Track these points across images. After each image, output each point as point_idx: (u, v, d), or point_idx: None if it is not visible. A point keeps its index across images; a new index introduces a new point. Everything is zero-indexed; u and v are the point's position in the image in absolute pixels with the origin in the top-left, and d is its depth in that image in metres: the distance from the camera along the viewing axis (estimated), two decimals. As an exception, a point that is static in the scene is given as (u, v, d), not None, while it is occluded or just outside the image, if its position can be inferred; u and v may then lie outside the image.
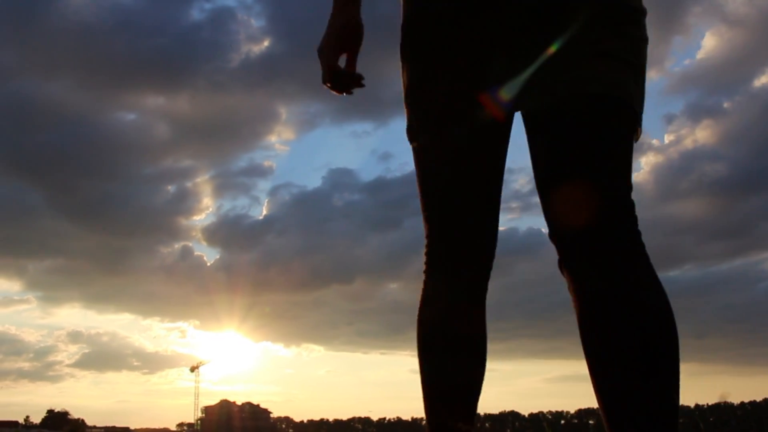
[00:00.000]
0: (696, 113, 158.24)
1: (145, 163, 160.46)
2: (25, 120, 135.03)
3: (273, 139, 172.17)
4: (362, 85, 1.54)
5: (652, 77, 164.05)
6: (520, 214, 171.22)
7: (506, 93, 1.32)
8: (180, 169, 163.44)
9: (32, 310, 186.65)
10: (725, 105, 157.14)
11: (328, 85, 1.51)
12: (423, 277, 1.49)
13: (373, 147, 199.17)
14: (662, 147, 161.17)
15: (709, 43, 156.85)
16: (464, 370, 1.54)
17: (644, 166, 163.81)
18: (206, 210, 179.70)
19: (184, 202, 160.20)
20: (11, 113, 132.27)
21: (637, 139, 1.29)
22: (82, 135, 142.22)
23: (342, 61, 1.52)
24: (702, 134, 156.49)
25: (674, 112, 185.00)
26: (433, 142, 1.44)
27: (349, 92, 1.54)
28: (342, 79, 1.50)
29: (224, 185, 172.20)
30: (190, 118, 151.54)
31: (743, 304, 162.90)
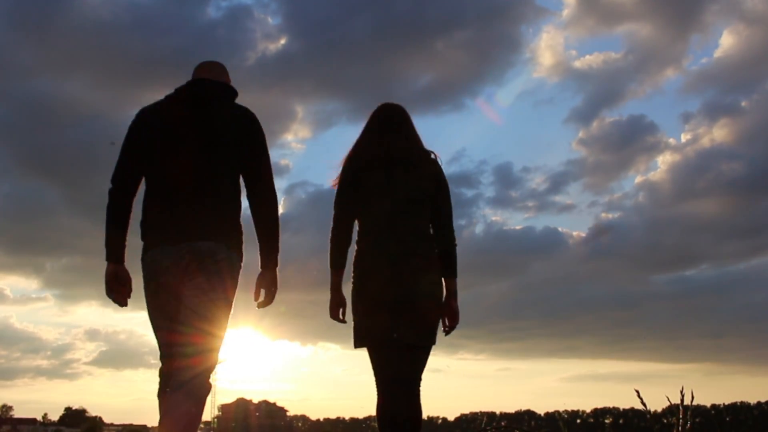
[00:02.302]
0: (713, 112, 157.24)
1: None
2: (43, 118, 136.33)
3: (289, 137, 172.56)
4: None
5: (670, 76, 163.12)
6: (536, 213, 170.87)
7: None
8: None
9: (50, 308, 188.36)
10: (743, 104, 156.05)
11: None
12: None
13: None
14: (679, 146, 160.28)
15: (727, 41, 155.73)
16: None
17: (661, 165, 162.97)
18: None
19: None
20: (29, 112, 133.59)
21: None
22: (100, 133, 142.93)
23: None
24: (719, 133, 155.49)
25: (691, 111, 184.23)
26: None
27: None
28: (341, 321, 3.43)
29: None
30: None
31: (761, 304, 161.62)
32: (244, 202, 3.15)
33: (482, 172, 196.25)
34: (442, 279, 3.43)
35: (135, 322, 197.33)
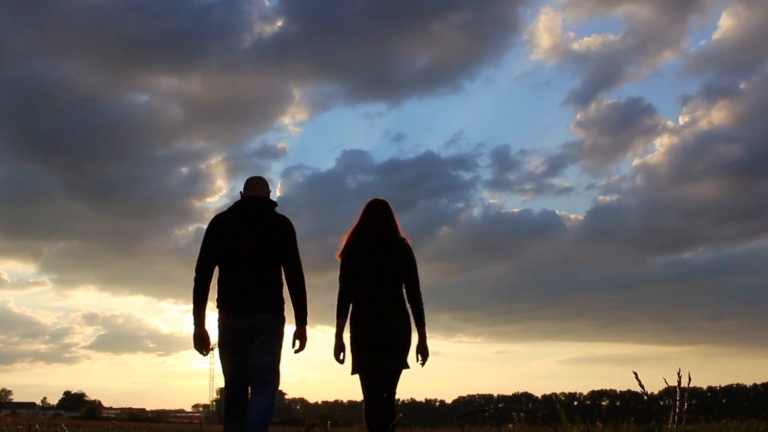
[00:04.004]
0: (711, 94, 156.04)
1: (158, 144, 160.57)
2: (38, 102, 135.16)
3: (286, 120, 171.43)
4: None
5: (668, 58, 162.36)
6: (534, 196, 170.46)
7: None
8: (193, 151, 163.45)
9: (47, 292, 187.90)
10: (741, 86, 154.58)
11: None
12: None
13: (386, 128, 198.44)
14: (677, 128, 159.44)
15: (726, 23, 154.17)
16: None
17: (659, 148, 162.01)
18: (220, 192, 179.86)
19: (198, 184, 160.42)
20: (24, 95, 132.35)
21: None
22: (95, 117, 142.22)
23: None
24: (717, 115, 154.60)
25: (689, 93, 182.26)
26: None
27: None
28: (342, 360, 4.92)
29: (237, 167, 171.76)
30: (203, 99, 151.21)
31: (759, 286, 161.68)
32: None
33: (480, 154, 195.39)
34: (410, 324, 4.94)
35: (133, 306, 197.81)
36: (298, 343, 4.65)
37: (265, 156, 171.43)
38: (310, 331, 4.79)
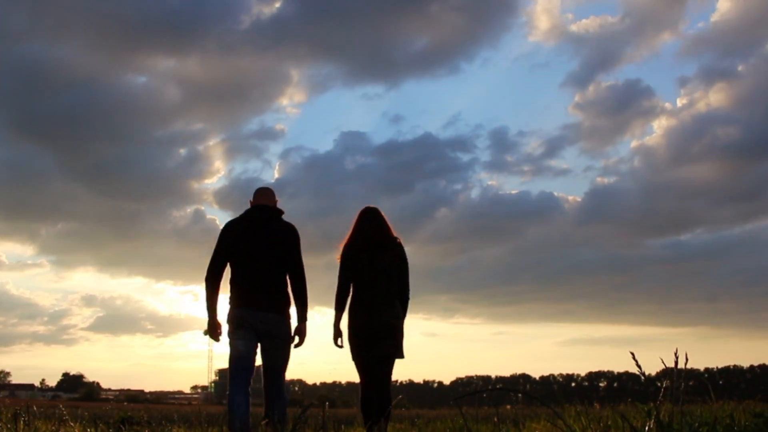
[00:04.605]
0: (709, 76, 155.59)
1: (156, 126, 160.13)
2: (35, 83, 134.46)
3: (284, 101, 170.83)
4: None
5: (666, 40, 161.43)
6: (532, 178, 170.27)
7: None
8: (191, 132, 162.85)
9: (46, 274, 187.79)
10: (739, 68, 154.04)
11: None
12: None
13: (385, 109, 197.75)
14: (675, 110, 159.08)
15: (724, 5, 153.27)
16: None
17: (657, 130, 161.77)
18: (218, 173, 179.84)
19: (196, 166, 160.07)
20: (21, 76, 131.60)
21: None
22: (93, 98, 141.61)
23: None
24: (715, 97, 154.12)
25: (687, 75, 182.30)
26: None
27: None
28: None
29: (235, 148, 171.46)
30: (201, 80, 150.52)
31: (756, 268, 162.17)
32: None
33: (478, 136, 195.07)
34: (402, 319, 5.54)
35: (131, 288, 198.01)
36: (297, 338, 5.19)
37: (263, 137, 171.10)
38: (308, 312, 5.25)
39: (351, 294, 5.54)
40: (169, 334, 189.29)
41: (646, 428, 2.38)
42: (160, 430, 7.01)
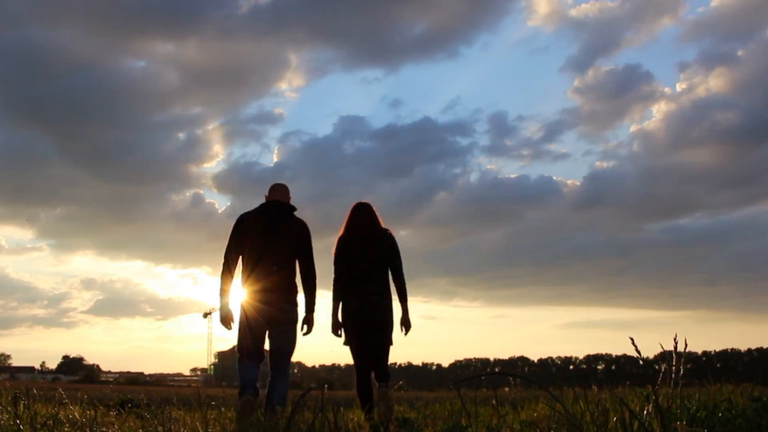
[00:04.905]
0: (709, 61, 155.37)
1: (155, 110, 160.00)
2: (34, 68, 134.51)
3: (283, 86, 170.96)
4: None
5: (666, 24, 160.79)
6: (531, 162, 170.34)
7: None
8: (190, 117, 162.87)
9: (45, 257, 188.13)
10: (739, 53, 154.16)
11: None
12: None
13: (384, 94, 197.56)
14: (674, 95, 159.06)
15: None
16: None
17: (656, 114, 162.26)
18: (217, 157, 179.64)
19: (195, 150, 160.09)
20: (19, 61, 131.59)
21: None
22: (92, 82, 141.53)
23: None
24: (715, 82, 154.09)
25: (687, 60, 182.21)
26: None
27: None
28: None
29: (234, 132, 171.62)
30: (200, 65, 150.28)
31: (754, 252, 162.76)
32: None
33: (477, 120, 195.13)
34: (393, 305, 5.76)
35: (130, 271, 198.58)
36: (305, 327, 5.45)
37: (262, 122, 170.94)
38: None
39: (346, 283, 5.73)
40: (169, 317, 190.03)
41: (645, 412, 2.39)
42: (159, 413, 7.03)
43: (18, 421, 2.54)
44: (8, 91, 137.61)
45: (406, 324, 5.76)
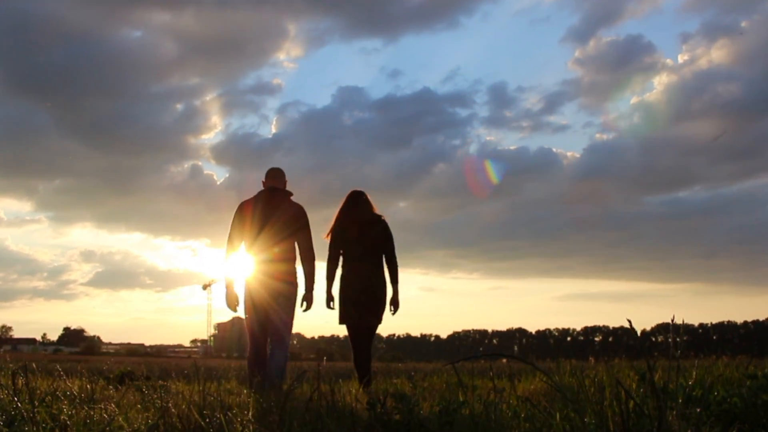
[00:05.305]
0: (712, 32, 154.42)
1: (152, 81, 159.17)
2: (29, 38, 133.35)
3: (281, 56, 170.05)
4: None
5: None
6: (531, 133, 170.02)
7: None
8: (187, 87, 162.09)
9: (44, 230, 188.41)
10: (742, 24, 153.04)
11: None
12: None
13: (383, 64, 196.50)
14: (676, 66, 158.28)
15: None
16: None
17: (657, 86, 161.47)
18: (215, 128, 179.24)
19: (193, 121, 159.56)
20: (14, 31, 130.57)
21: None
22: (88, 53, 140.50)
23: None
24: (717, 54, 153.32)
25: (689, 31, 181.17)
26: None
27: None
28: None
29: (232, 103, 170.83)
30: (197, 35, 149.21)
31: (752, 226, 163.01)
32: None
33: (476, 91, 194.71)
34: (387, 286, 6.19)
35: (130, 243, 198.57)
36: (305, 304, 5.76)
37: (260, 92, 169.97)
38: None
39: (342, 265, 6.22)
40: (168, 289, 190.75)
41: (641, 390, 2.40)
42: (159, 386, 7.07)
43: (16, 399, 2.55)
44: (3, 62, 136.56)
45: (395, 304, 6.19)
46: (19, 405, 2.40)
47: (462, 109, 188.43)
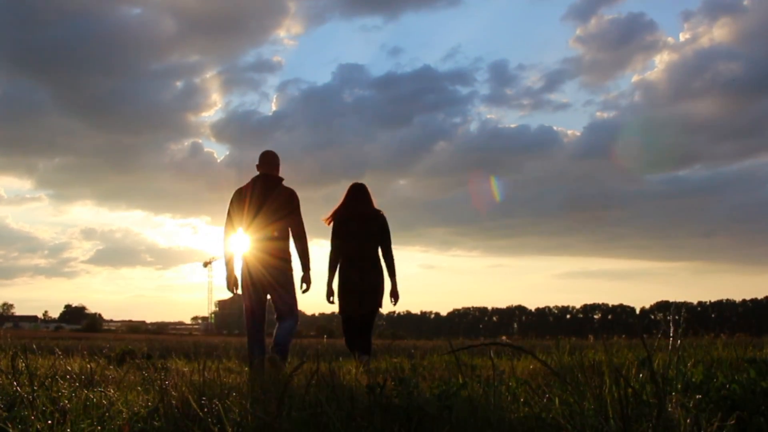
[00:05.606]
0: (713, 10, 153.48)
1: (151, 58, 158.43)
2: (28, 15, 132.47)
3: (281, 33, 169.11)
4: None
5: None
6: (531, 111, 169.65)
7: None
8: (187, 65, 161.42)
9: (44, 207, 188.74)
10: (744, 2, 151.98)
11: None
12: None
13: (383, 42, 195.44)
14: (677, 45, 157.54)
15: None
16: None
17: (658, 64, 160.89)
18: (215, 106, 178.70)
19: (193, 99, 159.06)
20: (13, 8, 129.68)
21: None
22: (87, 30, 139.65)
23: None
24: (719, 32, 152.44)
25: (691, 9, 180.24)
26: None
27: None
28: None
29: (232, 81, 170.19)
30: (197, 12, 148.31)
31: (752, 205, 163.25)
32: None
33: (477, 69, 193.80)
34: (385, 278, 6.52)
35: (130, 221, 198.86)
36: (304, 285, 6.01)
37: (261, 70, 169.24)
38: (310, 259, 6.09)
39: (342, 259, 6.52)
40: (169, 267, 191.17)
41: (641, 375, 2.40)
42: (159, 364, 7.10)
43: (15, 383, 2.55)
44: (1, 39, 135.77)
45: (395, 295, 6.53)
46: (19, 390, 2.40)
47: (462, 87, 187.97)
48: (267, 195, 5.96)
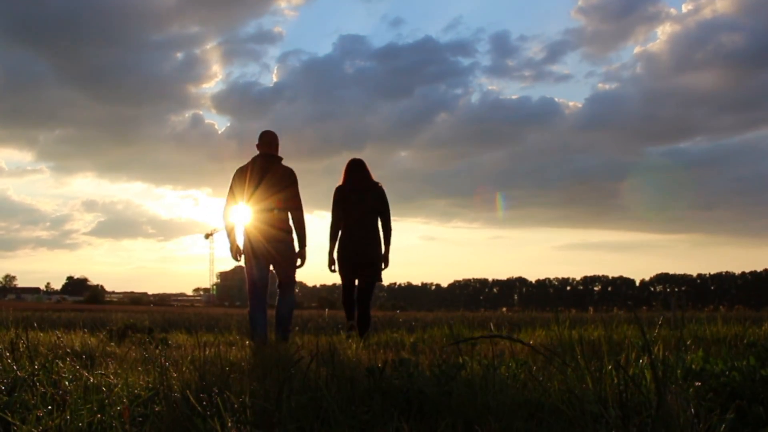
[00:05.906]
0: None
1: (151, 29, 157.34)
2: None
3: (282, 4, 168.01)
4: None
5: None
6: (533, 83, 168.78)
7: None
8: (187, 36, 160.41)
9: (46, 180, 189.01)
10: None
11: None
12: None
13: (384, 12, 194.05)
14: (680, 16, 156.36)
15: None
16: None
17: (660, 36, 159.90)
18: (215, 77, 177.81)
19: (193, 70, 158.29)
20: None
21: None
22: (87, 1, 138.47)
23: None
24: (721, 4, 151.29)
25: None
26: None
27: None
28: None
29: (233, 52, 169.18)
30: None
31: (752, 177, 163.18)
32: None
33: (479, 40, 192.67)
34: (382, 247, 6.91)
35: (132, 193, 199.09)
36: (299, 260, 6.37)
37: (261, 41, 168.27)
38: (308, 216, 6.51)
39: (342, 229, 6.88)
40: (171, 238, 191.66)
41: (641, 361, 2.40)
42: (161, 337, 7.15)
43: (15, 367, 2.56)
44: (2, 10, 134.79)
45: (385, 260, 6.92)
46: (19, 373, 2.41)
47: (464, 58, 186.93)
48: (266, 170, 6.24)
